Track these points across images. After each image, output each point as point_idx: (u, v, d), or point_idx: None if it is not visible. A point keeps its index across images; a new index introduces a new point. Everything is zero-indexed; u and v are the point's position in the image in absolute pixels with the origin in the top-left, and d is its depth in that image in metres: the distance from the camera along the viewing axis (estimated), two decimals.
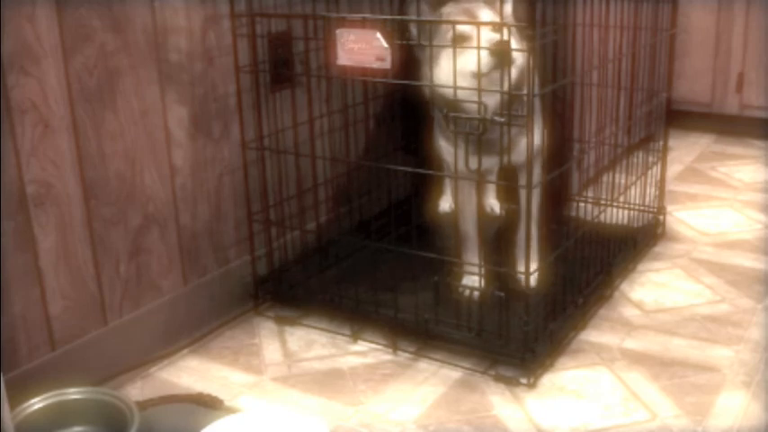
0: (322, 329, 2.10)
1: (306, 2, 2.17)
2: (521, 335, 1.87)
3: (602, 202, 2.29)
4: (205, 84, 2.00)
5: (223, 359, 2.00)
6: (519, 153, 1.87)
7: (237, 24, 2.03)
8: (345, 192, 2.39)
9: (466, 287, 2.08)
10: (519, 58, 1.77)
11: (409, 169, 2.02)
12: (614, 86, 2.34)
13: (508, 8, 1.88)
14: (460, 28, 1.82)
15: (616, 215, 2.35)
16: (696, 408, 1.75)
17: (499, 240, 2.25)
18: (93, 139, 1.77)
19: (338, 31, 1.83)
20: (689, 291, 2.26)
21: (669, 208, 2.65)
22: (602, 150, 2.58)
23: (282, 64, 2.17)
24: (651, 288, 2.28)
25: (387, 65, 1.79)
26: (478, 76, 1.78)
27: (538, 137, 1.91)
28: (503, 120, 1.80)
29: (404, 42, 1.87)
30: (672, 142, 2.78)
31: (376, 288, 2.06)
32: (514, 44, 1.77)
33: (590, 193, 2.44)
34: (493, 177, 2.09)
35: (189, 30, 1.94)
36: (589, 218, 2.25)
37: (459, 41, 1.81)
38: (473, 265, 2.08)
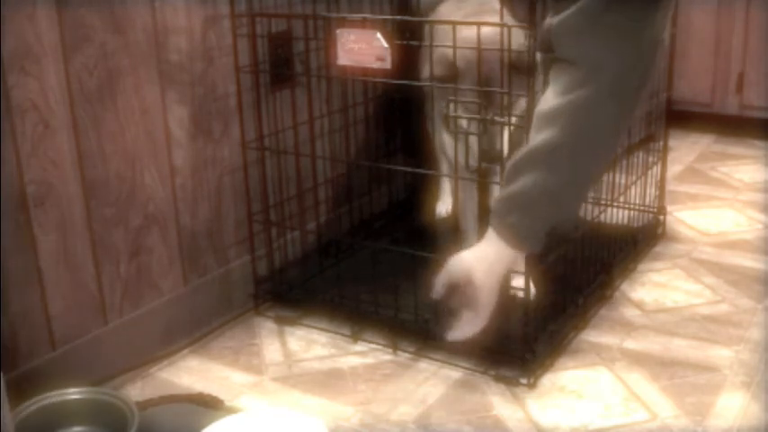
0: (322, 329, 2.10)
1: (306, 2, 2.17)
2: (521, 335, 1.87)
3: (603, 202, 2.29)
4: (205, 84, 2.00)
5: (223, 359, 2.00)
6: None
7: (238, 24, 2.03)
8: (345, 192, 2.38)
9: None
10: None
11: (409, 169, 2.02)
12: None
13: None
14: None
15: (616, 215, 2.35)
16: (696, 408, 1.75)
17: None
18: (93, 138, 1.77)
19: (338, 31, 1.83)
20: (689, 291, 2.26)
21: (669, 208, 2.65)
22: None
23: (282, 64, 2.17)
24: (651, 288, 2.28)
25: (387, 65, 1.79)
26: (479, 76, 1.78)
27: None
28: (503, 120, 1.81)
29: (404, 42, 1.87)
30: (672, 142, 2.78)
31: (376, 288, 2.06)
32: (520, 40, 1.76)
33: (590, 193, 2.43)
34: (495, 176, 2.09)
35: (189, 30, 1.94)
36: (589, 218, 2.25)
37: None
38: None
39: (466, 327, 1.35)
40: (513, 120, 1.79)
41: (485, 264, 1.24)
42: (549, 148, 1.14)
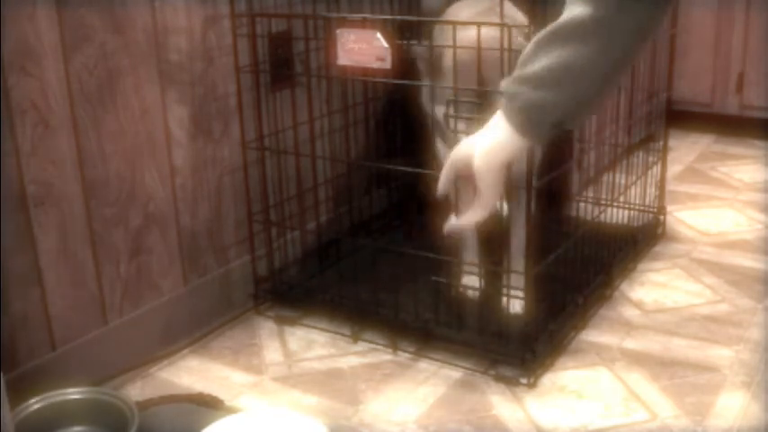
0: (322, 329, 2.10)
1: (306, 2, 2.17)
2: (521, 335, 1.87)
3: (602, 202, 2.29)
4: (205, 84, 2.00)
5: (223, 359, 2.00)
6: None
7: (238, 24, 2.03)
8: (345, 192, 2.38)
9: (466, 287, 2.08)
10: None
11: (409, 169, 2.02)
12: None
13: None
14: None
15: (616, 215, 2.35)
16: (696, 408, 1.75)
17: (501, 239, 2.25)
18: (93, 138, 1.77)
19: (338, 31, 1.83)
20: (689, 291, 2.26)
21: (669, 208, 2.65)
22: (602, 150, 2.58)
23: (282, 64, 2.17)
24: (651, 288, 2.28)
25: (387, 65, 1.79)
26: (479, 76, 1.78)
27: None
28: None
29: (404, 42, 1.87)
30: (672, 142, 2.78)
31: (376, 288, 2.06)
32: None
33: (590, 193, 2.44)
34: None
35: (189, 30, 1.94)
36: (589, 218, 2.25)
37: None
38: (473, 265, 2.08)
39: (468, 214, 1.25)
40: None
41: (484, 148, 1.16)
42: (581, 21, 1.06)
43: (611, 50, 1.09)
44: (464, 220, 1.23)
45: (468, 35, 1.77)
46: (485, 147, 1.15)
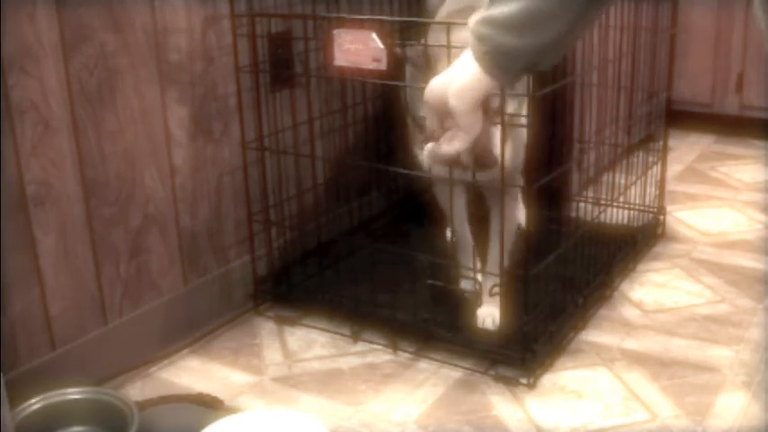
0: (322, 329, 2.10)
1: (306, 2, 2.17)
2: (521, 335, 1.87)
3: (602, 202, 2.29)
4: (205, 84, 2.00)
5: (223, 359, 2.00)
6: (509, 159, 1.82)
7: (237, 24, 2.03)
8: (345, 192, 2.39)
9: (465, 289, 2.07)
10: None
11: (408, 170, 2.02)
12: (614, 86, 2.34)
13: None
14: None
15: (616, 215, 2.35)
16: (696, 408, 1.75)
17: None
18: (93, 138, 1.77)
19: (335, 32, 1.83)
20: (689, 291, 2.26)
21: (669, 208, 2.65)
22: (602, 150, 2.58)
23: (282, 64, 2.17)
24: (651, 288, 2.28)
25: (382, 66, 1.79)
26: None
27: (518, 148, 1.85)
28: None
29: (401, 42, 1.86)
30: (672, 142, 2.78)
31: (376, 288, 2.06)
32: None
33: (590, 193, 2.44)
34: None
35: (189, 30, 1.94)
36: (589, 218, 2.25)
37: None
38: (468, 268, 2.07)
39: (451, 143, 1.27)
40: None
41: (458, 87, 1.16)
42: None
43: None
44: (446, 148, 1.24)
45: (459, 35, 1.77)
46: (458, 86, 1.16)
